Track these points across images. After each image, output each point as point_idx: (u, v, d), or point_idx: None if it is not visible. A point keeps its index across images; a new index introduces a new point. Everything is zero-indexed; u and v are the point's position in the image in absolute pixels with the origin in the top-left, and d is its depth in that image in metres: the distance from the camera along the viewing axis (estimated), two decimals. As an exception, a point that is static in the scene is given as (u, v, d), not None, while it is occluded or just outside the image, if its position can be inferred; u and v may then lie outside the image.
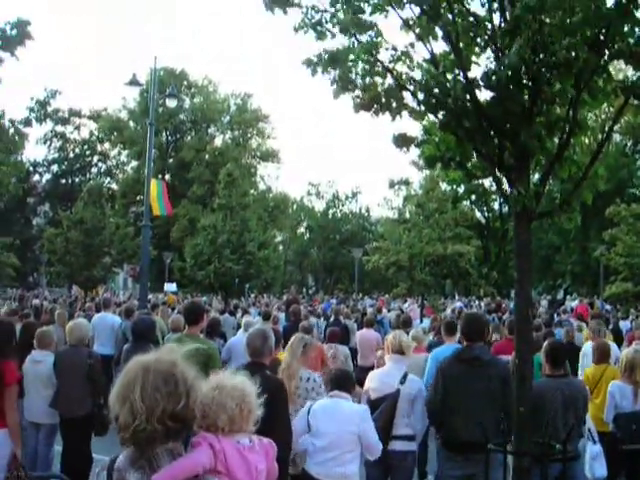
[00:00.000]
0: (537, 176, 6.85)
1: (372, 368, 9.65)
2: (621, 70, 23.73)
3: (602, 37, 5.86)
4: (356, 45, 6.42)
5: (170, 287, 45.01)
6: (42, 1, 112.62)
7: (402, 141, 6.83)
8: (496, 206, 66.52)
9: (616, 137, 63.88)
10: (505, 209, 58.72)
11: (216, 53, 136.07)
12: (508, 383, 7.16)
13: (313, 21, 6.47)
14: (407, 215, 39.92)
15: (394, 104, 6.40)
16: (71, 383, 9.36)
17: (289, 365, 7.72)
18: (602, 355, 10.03)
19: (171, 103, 30.95)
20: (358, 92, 6.49)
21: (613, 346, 12.22)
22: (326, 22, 6.46)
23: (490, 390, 7.11)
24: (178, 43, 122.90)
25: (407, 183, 41.39)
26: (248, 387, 3.69)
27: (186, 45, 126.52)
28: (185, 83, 76.91)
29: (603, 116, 36.48)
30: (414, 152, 7.28)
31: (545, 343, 8.07)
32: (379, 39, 6.38)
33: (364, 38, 6.40)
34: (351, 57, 6.40)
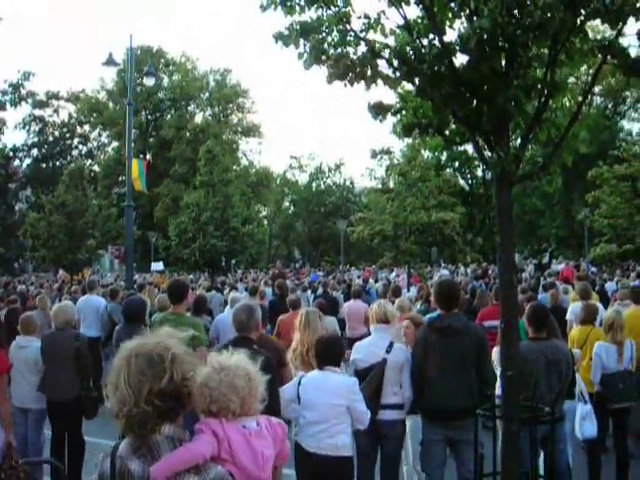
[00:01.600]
0: (518, 140, 6.82)
1: (360, 339, 9.64)
2: (599, 32, 23.73)
3: (578, -4, 5.81)
4: (326, 15, 6.33)
5: (156, 266, 44.97)
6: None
7: (378, 110, 6.77)
8: (479, 173, 66.73)
9: (597, 99, 64.08)
10: (488, 175, 58.86)
11: (193, 29, 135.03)
12: (483, 350, 7.26)
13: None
14: (390, 185, 39.91)
15: (369, 72, 6.33)
16: (58, 366, 9.31)
17: (311, 342, 7.50)
18: (588, 316, 10.07)
19: (149, 82, 30.76)
20: (331, 62, 6.40)
21: (599, 307, 12.27)
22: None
23: (464, 358, 7.18)
24: (154, 20, 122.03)
25: (389, 152, 41.25)
26: (250, 365, 3.63)
27: (162, 22, 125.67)
28: (163, 61, 76.57)
29: (584, 78, 36.40)
30: (394, 121, 7.22)
31: (527, 306, 8.09)
32: (348, 8, 6.30)
33: (334, 9, 6.31)
34: (323, 27, 6.32)
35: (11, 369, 8.56)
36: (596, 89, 60.75)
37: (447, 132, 6.74)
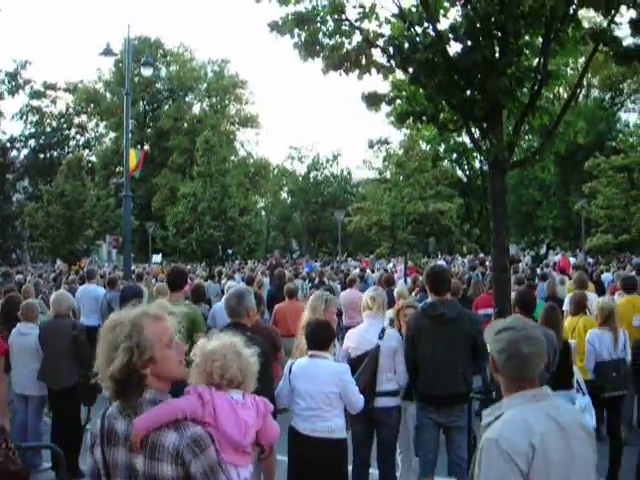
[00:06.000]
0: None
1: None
2: (595, 23, 23.75)
3: (570, -15, 5.86)
4: (321, 6, 6.40)
5: (156, 258, 45.03)
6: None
7: (372, 99, 6.84)
8: (477, 164, 66.77)
9: (595, 91, 64.15)
10: (486, 167, 58.89)
11: (191, 20, 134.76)
12: (478, 338, 7.26)
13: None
14: (387, 175, 39.89)
15: (363, 61, 6.40)
16: (57, 354, 9.37)
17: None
18: (577, 306, 10.05)
19: (147, 72, 30.70)
20: (326, 53, 6.47)
21: (594, 297, 12.33)
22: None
23: (457, 345, 7.23)
24: (152, 10, 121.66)
25: (386, 142, 41.37)
26: (245, 345, 3.93)
27: (160, 12, 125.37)
28: (160, 52, 76.34)
29: (581, 69, 36.52)
30: (386, 112, 7.30)
31: (514, 293, 8.14)
32: (343, -1, 6.38)
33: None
34: (318, 17, 6.39)
35: (8, 353, 8.63)
36: (594, 81, 60.85)
37: (440, 119, 6.81)
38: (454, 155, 67.41)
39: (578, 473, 3.20)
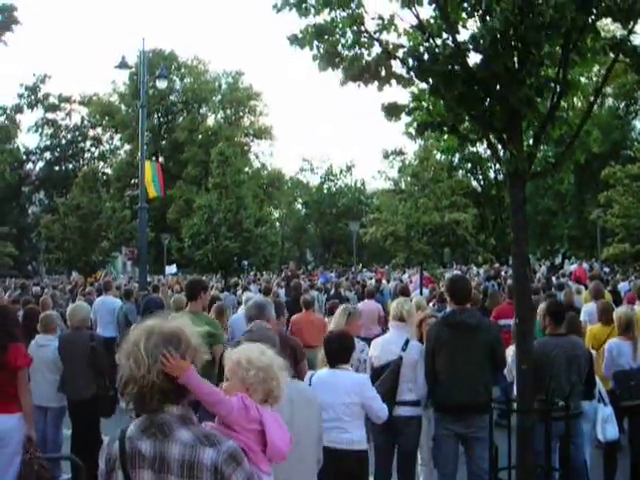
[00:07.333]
0: (531, 138, 6.87)
1: (373, 339, 9.69)
2: (609, 31, 23.73)
3: (590, -5, 5.86)
4: (340, 18, 6.42)
5: (171, 269, 45.08)
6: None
7: (392, 110, 6.85)
8: (492, 174, 66.62)
9: (609, 100, 64.01)
10: (501, 176, 58.75)
11: (205, 32, 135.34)
12: (497, 347, 7.30)
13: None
14: (403, 186, 39.84)
15: (383, 73, 6.41)
16: (75, 366, 9.41)
17: None
18: (609, 315, 10.00)
19: (161, 84, 30.79)
20: (345, 64, 6.48)
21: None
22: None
23: (477, 354, 7.22)
24: (166, 23, 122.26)
25: (401, 153, 41.30)
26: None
27: (174, 25, 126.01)
28: (175, 64, 76.75)
29: (595, 78, 36.25)
30: (406, 122, 7.31)
31: (545, 303, 8.12)
32: (361, 10, 6.39)
33: (348, 11, 6.40)
34: (337, 29, 6.41)
35: (31, 364, 8.68)
36: (609, 90, 60.74)
37: (461, 129, 6.81)
38: (468, 165, 67.29)
39: (299, 428, 4.71)
